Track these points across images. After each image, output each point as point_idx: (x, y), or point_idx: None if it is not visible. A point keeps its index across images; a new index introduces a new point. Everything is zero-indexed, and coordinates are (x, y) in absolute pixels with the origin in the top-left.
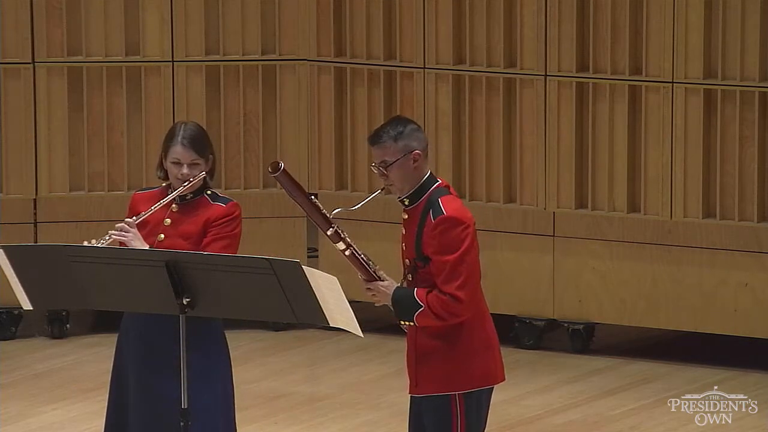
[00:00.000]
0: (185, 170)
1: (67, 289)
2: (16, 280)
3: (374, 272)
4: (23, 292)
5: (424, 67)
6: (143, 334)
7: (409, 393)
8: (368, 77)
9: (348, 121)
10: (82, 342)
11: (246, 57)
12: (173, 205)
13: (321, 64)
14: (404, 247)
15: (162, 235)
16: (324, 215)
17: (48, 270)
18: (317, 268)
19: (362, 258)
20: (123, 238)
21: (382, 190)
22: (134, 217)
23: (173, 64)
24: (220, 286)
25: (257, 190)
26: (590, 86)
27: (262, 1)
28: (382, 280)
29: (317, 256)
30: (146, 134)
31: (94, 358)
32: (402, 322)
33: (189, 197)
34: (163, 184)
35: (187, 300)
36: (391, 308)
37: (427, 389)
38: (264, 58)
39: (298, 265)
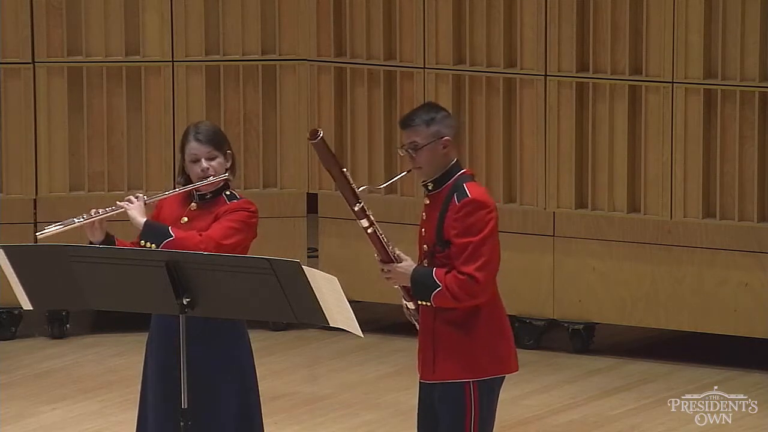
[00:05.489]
0: (204, 164)
1: (67, 289)
2: (16, 280)
3: (392, 254)
4: (23, 292)
5: (424, 67)
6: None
7: (422, 379)
8: (368, 77)
9: (348, 121)
10: (82, 342)
11: (246, 57)
12: (192, 204)
13: (321, 64)
14: (423, 233)
15: None
16: (353, 190)
17: (48, 270)
18: (317, 268)
19: (383, 238)
20: (125, 207)
21: (408, 171)
22: (146, 195)
23: (173, 64)
24: (220, 286)
25: (257, 190)
26: (590, 86)
27: (262, 1)
28: (400, 262)
29: (317, 256)
30: (146, 134)
31: (94, 358)
32: (420, 303)
33: (208, 197)
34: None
35: (187, 300)
36: (401, 289)
37: (445, 375)
38: (264, 58)
39: (298, 265)
